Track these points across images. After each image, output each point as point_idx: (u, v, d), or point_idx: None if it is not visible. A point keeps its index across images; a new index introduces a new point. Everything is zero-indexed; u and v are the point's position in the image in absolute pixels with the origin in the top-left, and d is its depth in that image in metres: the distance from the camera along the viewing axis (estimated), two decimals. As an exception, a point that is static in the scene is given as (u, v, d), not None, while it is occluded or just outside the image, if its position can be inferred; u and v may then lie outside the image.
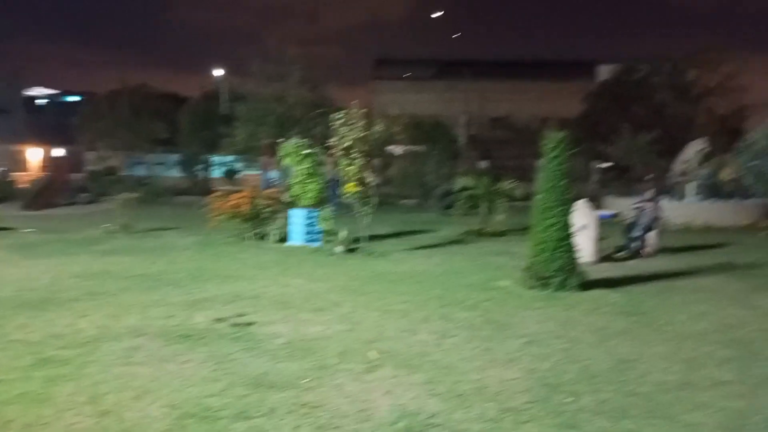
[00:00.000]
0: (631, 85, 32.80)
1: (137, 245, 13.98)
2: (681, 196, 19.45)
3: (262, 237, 14.66)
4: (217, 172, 36.22)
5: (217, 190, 16.63)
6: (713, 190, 19.50)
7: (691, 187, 19.50)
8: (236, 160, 34.70)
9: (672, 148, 23.22)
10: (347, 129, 13.74)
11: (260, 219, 15.18)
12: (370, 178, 13.98)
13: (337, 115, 13.83)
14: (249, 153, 30.85)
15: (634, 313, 7.91)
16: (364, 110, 14.36)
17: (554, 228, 8.90)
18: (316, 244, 13.77)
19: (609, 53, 41.43)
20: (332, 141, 13.95)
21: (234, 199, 15.13)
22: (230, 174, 35.45)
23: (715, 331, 7.07)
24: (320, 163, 15.25)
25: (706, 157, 19.70)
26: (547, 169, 9.10)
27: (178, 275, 10.29)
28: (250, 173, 33.31)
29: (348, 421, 4.49)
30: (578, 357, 6.08)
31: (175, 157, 37.44)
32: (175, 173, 37.12)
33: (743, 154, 18.81)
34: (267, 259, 12.31)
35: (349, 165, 13.55)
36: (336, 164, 14.50)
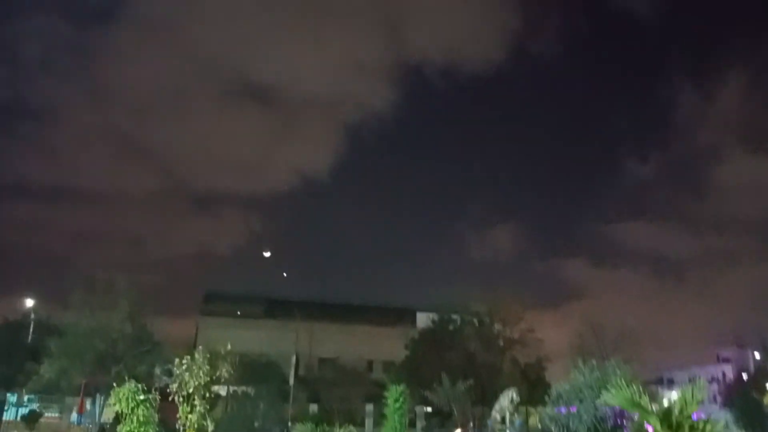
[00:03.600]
0: (446, 334, 36.08)
1: None
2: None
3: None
4: (12, 414, 31.17)
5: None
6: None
7: (507, 434, 21.07)
8: (38, 400, 30.38)
9: (485, 395, 25.34)
10: (189, 375, 13.68)
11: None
12: (209, 423, 13.64)
13: (180, 361, 13.78)
14: (58, 392, 27.69)
15: None
16: (196, 349, 14.49)
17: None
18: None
19: (427, 301, 45.51)
20: (171, 386, 13.69)
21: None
22: (33, 417, 30.43)
23: None
24: (154, 410, 14.56)
25: (517, 407, 21.74)
26: (390, 420, 9.88)
27: None
28: (53, 415, 29.35)
29: None
30: None
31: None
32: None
33: (548, 405, 21.13)
34: None
35: (190, 412, 13.23)
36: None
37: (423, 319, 43.36)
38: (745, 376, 30.66)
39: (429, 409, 31.15)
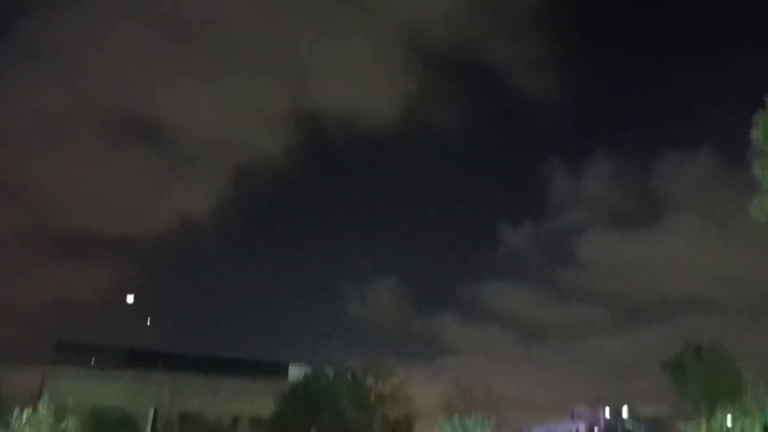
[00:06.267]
0: (318, 390, 35.55)
1: None
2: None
3: None
4: None
5: None
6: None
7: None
8: None
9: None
10: (29, 429, 12.46)
11: None
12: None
13: (21, 413, 12.55)
14: None
15: None
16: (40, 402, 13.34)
17: None
18: None
19: (301, 355, 44.69)
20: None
21: None
22: None
23: None
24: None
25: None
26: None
27: None
28: None
29: None
30: None
31: None
32: None
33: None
34: None
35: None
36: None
37: (295, 373, 42.47)
38: (595, 431, 32.88)
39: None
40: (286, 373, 43.14)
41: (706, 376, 33.51)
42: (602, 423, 33.25)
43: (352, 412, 34.39)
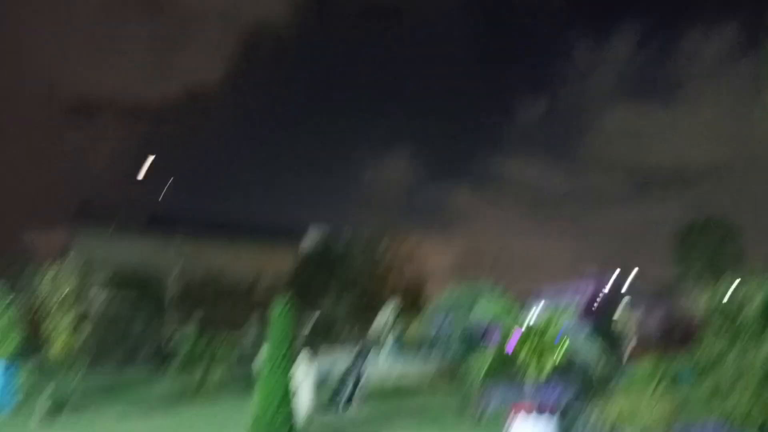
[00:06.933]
0: (334, 251, 36.73)
1: None
2: (380, 352, 21.91)
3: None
4: None
5: None
6: (404, 347, 22.48)
7: (388, 344, 22.17)
8: None
9: (369, 308, 26.35)
10: (58, 285, 13.07)
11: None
12: (81, 334, 13.21)
13: (47, 272, 13.09)
14: None
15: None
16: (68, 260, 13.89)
17: (279, 385, 9.67)
18: (10, 407, 12.09)
19: (317, 218, 45.63)
20: (39, 296, 13.05)
21: None
22: None
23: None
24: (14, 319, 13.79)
25: (397, 318, 22.85)
26: (274, 331, 10.04)
27: None
28: None
29: None
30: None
31: None
32: None
33: (427, 318, 22.41)
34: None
35: (60, 321, 12.70)
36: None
37: (312, 236, 43.60)
38: (602, 294, 34.07)
39: (315, 319, 31.88)
40: (303, 235, 44.31)
41: (713, 246, 34.06)
42: (608, 286, 34.31)
43: (366, 273, 35.71)
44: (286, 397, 9.75)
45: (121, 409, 13.07)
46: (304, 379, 11.66)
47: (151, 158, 34.00)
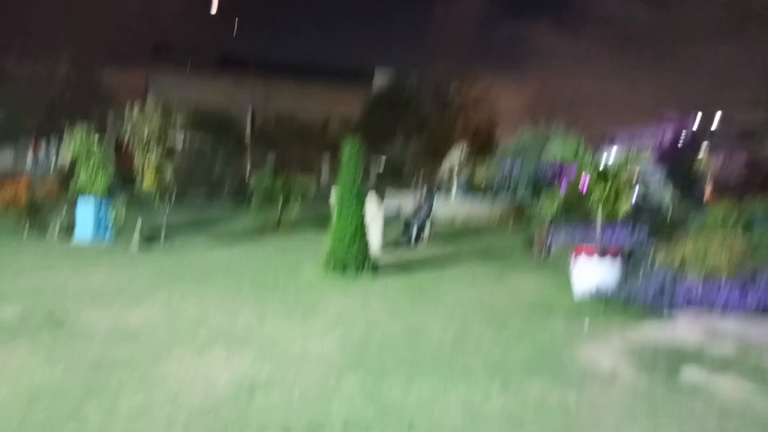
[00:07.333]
0: (402, 93, 36.26)
1: None
2: (447, 194, 22.34)
3: (44, 230, 13.75)
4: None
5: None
6: (472, 189, 22.76)
7: (455, 186, 22.48)
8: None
9: (437, 151, 26.43)
10: (143, 123, 13.66)
11: (40, 210, 14.22)
12: (168, 170, 14.03)
13: (132, 109, 13.64)
14: (7, 139, 27.59)
15: (416, 291, 9.49)
16: (150, 101, 14.36)
17: (351, 220, 10.18)
18: (108, 238, 13.39)
19: (385, 60, 44.65)
20: (125, 133, 13.75)
21: (9, 187, 13.96)
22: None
23: (476, 302, 8.89)
24: (107, 153, 14.74)
25: (466, 161, 22.90)
26: (345, 171, 10.35)
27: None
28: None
29: (196, 387, 5.11)
30: (378, 326, 7.34)
31: None
32: None
33: (496, 160, 22.32)
34: (58, 252, 11.76)
35: (146, 158, 13.47)
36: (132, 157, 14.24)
37: (381, 77, 42.96)
38: (682, 138, 32.48)
39: (383, 161, 32.46)
40: (371, 79, 43.78)
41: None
42: (690, 127, 32.54)
43: (435, 115, 35.35)
44: (358, 230, 10.26)
45: (207, 240, 14.08)
46: (373, 218, 12.13)
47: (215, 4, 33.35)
